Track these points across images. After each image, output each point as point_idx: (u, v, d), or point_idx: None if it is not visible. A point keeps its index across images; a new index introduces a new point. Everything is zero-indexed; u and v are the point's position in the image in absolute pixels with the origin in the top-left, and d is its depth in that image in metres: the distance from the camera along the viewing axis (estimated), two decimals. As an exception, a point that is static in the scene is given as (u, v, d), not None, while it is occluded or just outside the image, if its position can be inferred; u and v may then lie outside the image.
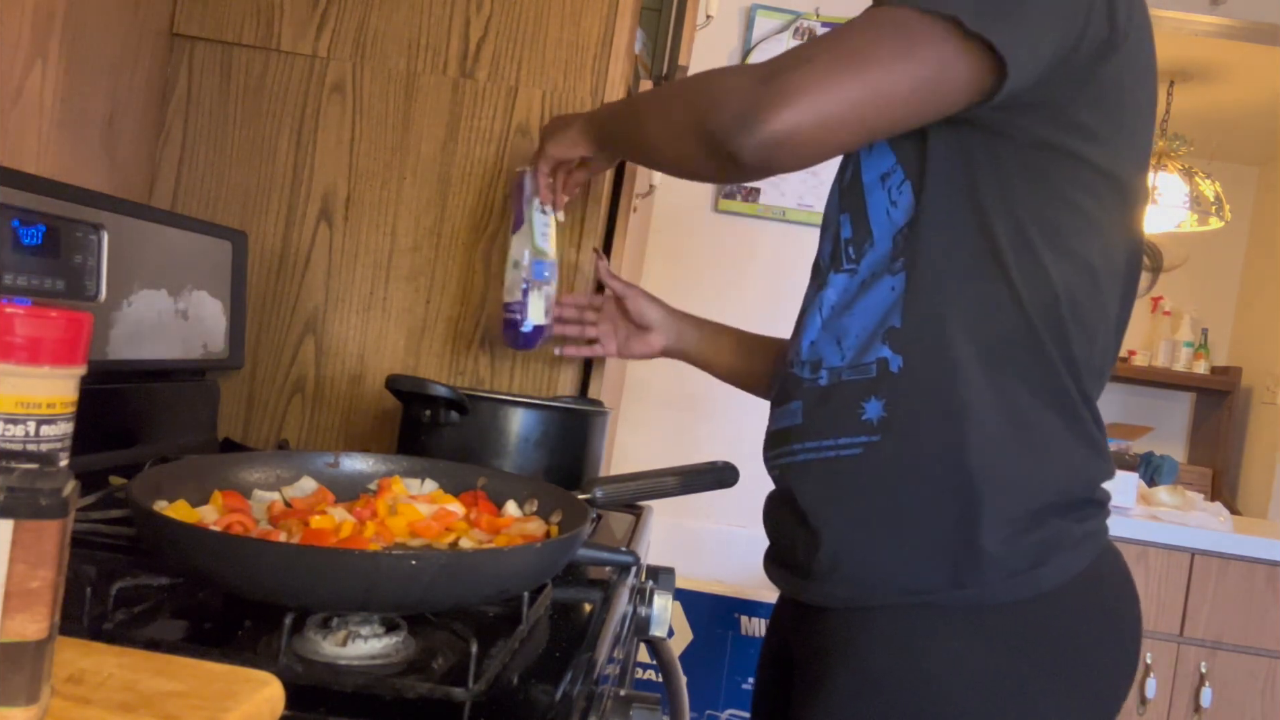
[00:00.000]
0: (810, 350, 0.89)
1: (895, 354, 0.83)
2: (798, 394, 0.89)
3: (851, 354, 0.86)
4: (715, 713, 2.02)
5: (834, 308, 0.88)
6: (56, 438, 0.54)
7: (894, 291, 0.84)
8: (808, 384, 0.88)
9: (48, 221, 0.87)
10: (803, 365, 0.90)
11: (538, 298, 1.10)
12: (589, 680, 0.63)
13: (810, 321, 0.90)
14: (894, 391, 0.82)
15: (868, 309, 0.85)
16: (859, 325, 0.86)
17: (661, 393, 2.40)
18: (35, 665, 0.38)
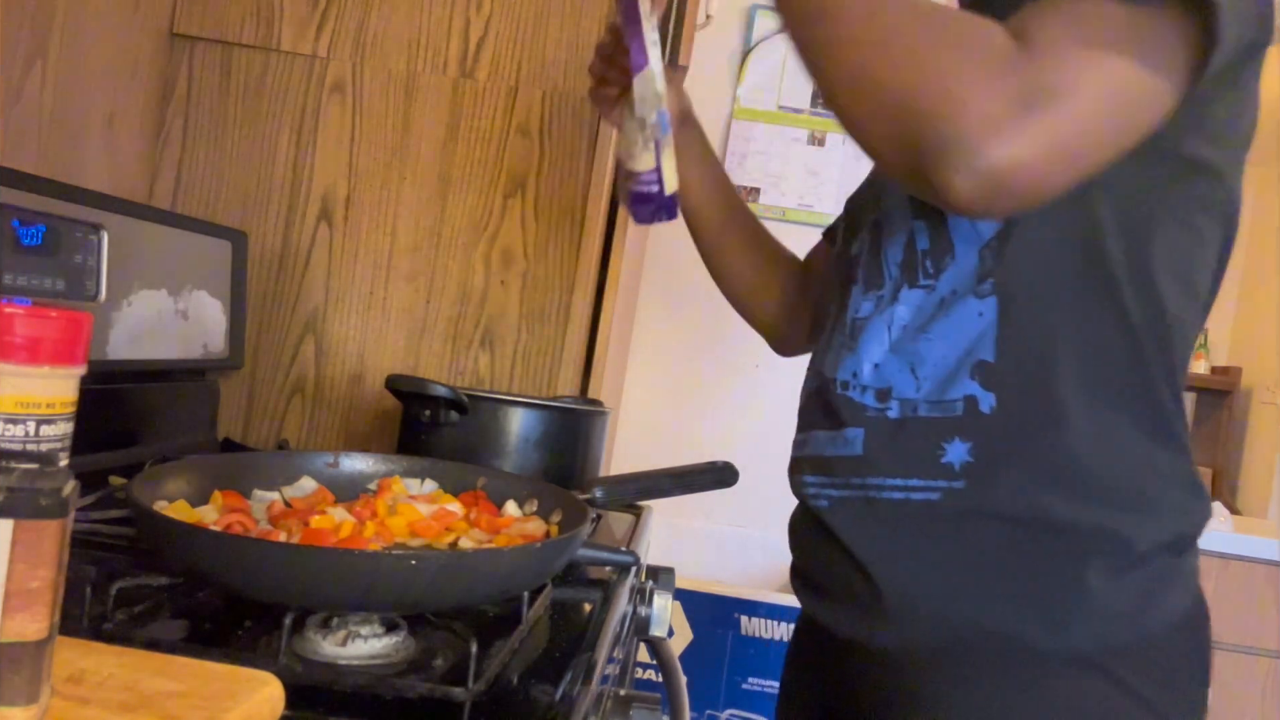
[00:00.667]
0: (875, 374, 0.78)
1: (986, 392, 0.74)
2: (857, 421, 0.78)
3: (930, 386, 0.76)
4: (715, 713, 2.02)
5: (906, 328, 0.78)
6: (56, 438, 0.54)
7: (982, 318, 0.74)
8: (873, 413, 0.78)
9: (48, 221, 0.87)
10: (863, 390, 0.79)
11: (669, 156, 0.90)
12: (589, 680, 0.63)
13: (873, 339, 0.79)
14: (984, 434, 0.73)
15: (949, 335, 0.75)
16: (938, 353, 0.76)
17: (661, 393, 2.39)
18: (35, 665, 0.38)
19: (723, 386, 2.39)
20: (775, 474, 2.53)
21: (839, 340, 0.84)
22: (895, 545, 0.76)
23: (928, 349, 0.76)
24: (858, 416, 0.79)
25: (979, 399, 0.74)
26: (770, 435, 2.38)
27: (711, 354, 2.38)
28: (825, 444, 0.82)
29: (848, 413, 0.80)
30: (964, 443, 0.74)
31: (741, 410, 2.39)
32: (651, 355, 2.38)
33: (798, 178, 2.36)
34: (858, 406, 0.79)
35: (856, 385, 0.80)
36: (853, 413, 0.79)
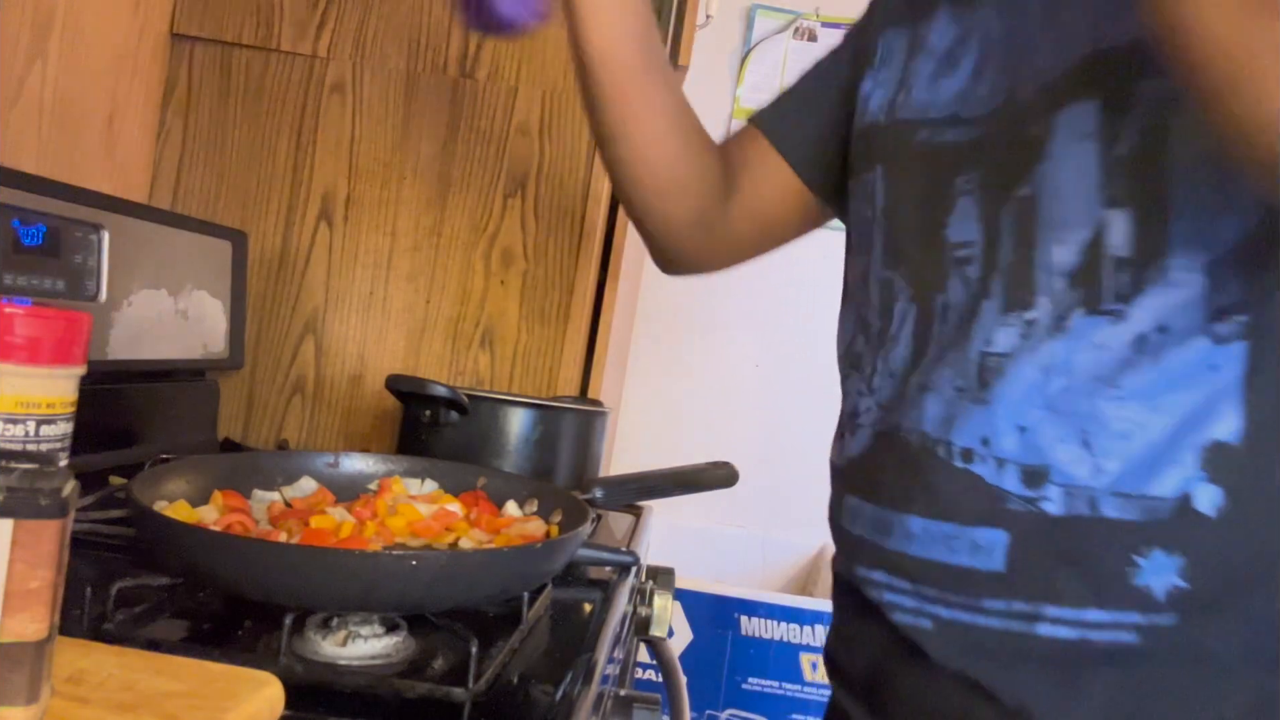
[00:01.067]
0: (1023, 444, 0.56)
1: (1216, 485, 0.53)
2: (993, 517, 0.56)
3: (1120, 470, 0.54)
4: (715, 712, 2.02)
5: (1078, 377, 0.55)
6: (56, 438, 0.54)
7: (1218, 374, 0.53)
8: (1019, 506, 0.56)
9: (48, 221, 0.87)
10: (1000, 465, 0.56)
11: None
12: (589, 680, 0.63)
13: (1018, 388, 0.56)
14: (1206, 548, 0.53)
15: (1156, 395, 0.53)
16: (1135, 421, 0.54)
17: (662, 392, 2.39)
18: (35, 665, 0.38)
19: (723, 386, 2.39)
20: (775, 474, 2.54)
21: (943, 378, 0.60)
22: (1073, 703, 0.54)
23: (1117, 413, 0.54)
24: (994, 508, 0.56)
25: (1197, 494, 0.52)
26: (770, 435, 2.39)
27: (711, 354, 2.38)
28: (930, 543, 0.59)
29: (975, 501, 0.57)
30: (1172, 557, 0.53)
31: (741, 410, 2.39)
32: (651, 355, 2.38)
33: (798, 178, 2.35)
34: (992, 493, 0.56)
35: (988, 457, 0.57)
36: (984, 502, 0.57)
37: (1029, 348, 0.57)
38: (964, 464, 0.58)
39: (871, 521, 0.63)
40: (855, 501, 0.66)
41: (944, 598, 0.59)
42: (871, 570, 0.63)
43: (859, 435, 0.67)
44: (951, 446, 0.59)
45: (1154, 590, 0.53)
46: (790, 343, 2.36)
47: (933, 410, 0.60)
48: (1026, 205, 0.58)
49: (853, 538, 0.66)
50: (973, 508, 0.57)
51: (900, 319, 0.65)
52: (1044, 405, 0.56)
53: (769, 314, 2.36)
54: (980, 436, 0.58)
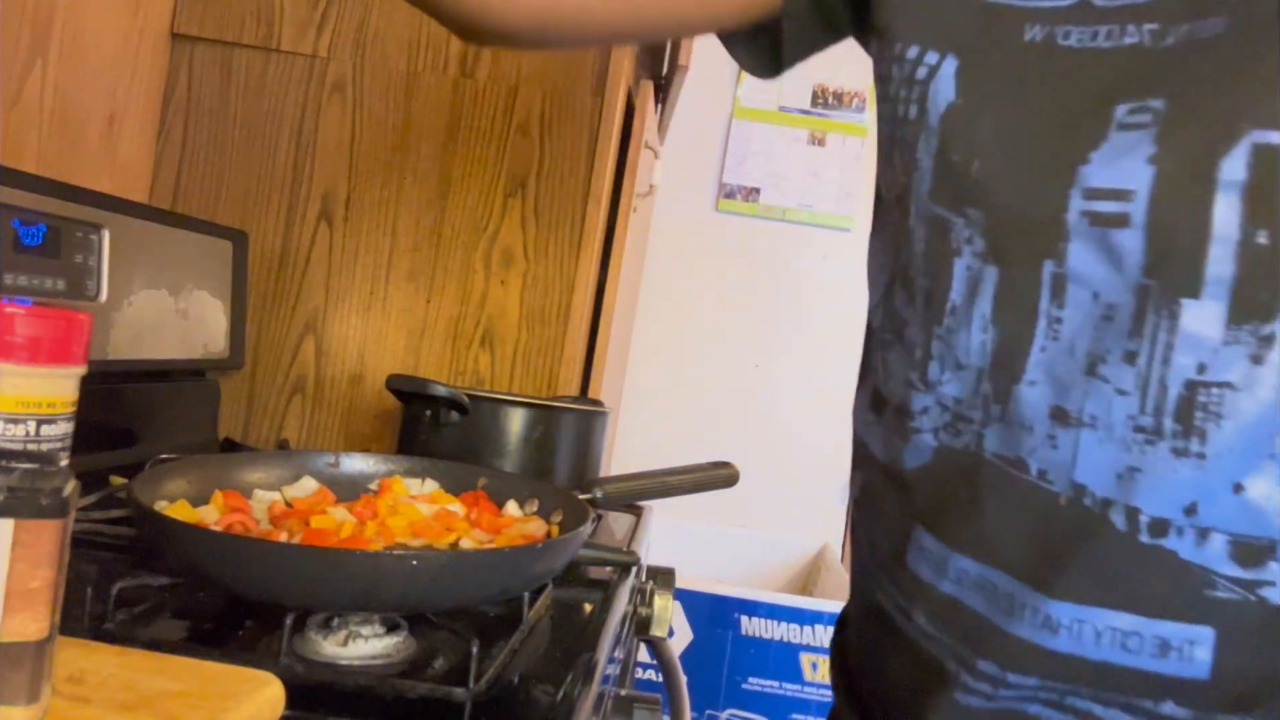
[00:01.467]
0: (1238, 506, 0.42)
1: None
2: (1197, 611, 0.43)
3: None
4: (715, 712, 2.01)
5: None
6: (57, 437, 0.54)
7: None
8: (1230, 589, 0.42)
9: (48, 221, 0.87)
10: (1201, 537, 0.43)
11: None
12: (590, 680, 0.63)
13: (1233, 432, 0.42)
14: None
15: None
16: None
17: (662, 392, 2.39)
18: (35, 665, 0.38)
19: (723, 386, 2.39)
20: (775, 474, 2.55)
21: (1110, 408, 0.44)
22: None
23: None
24: (1195, 595, 0.43)
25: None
26: (770, 435, 2.39)
27: (711, 354, 2.38)
28: (1088, 639, 0.45)
29: (1166, 585, 0.43)
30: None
31: (741, 410, 2.39)
32: (651, 355, 2.38)
33: (798, 178, 2.36)
34: (1191, 574, 0.43)
35: (1187, 528, 0.43)
36: (1179, 586, 0.43)
37: (1266, 379, 0.41)
38: (1153, 539, 0.43)
39: (976, 585, 0.48)
40: (935, 545, 0.50)
41: (1127, 701, 0.44)
42: (975, 655, 0.48)
43: (916, 443, 0.52)
44: (1135, 515, 0.43)
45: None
46: (790, 343, 2.36)
47: (1092, 456, 0.44)
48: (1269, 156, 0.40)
49: (936, 594, 0.50)
50: (1161, 594, 0.43)
51: (966, 284, 0.48)
52: (1273, 454, 0.41)
53: (769, 314, 2.36)
54: (1185, 502, 0.42)
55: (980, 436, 0.48)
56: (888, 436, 0.55)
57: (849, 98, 2.33)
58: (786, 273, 2.36)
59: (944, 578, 0.50)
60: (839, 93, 2.33)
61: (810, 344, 2.35)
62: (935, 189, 0.50)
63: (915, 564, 0.52)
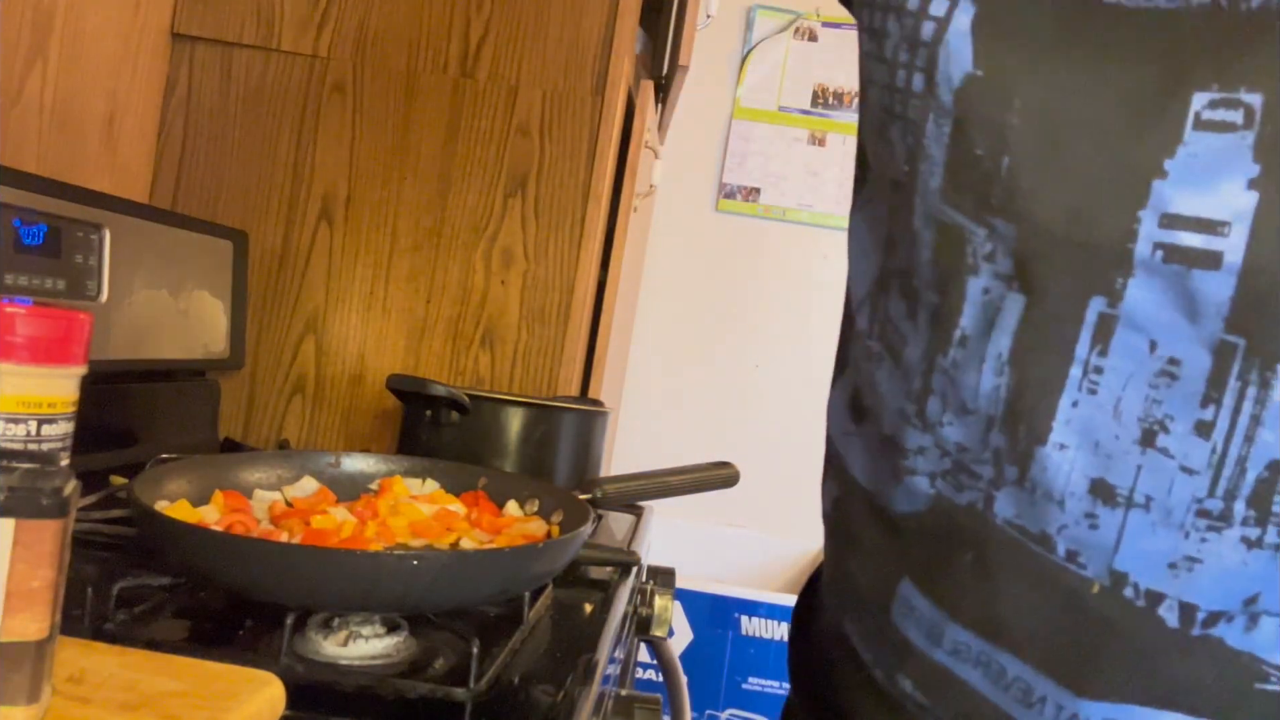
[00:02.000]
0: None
1: None
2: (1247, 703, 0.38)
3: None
4: (715, 712, 2.01)
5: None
6: (57, 437, 0.54)
7: None
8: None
9: (49, 221, 0.87)
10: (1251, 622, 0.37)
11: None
12: (590, 680, 0.63)
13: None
14: None
15: None
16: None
17: (662, 392, 2.39)
18: (36, 665, 0.38)
19: (723, 386, 2.39)
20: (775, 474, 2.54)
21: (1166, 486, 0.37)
22: None
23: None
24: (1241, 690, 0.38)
25: None
26: (770, 435, 2.39)
27: (711, 354, 2.38)
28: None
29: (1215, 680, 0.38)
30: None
31: (741, 410, 2.39)
32: (651, 355, 2.38)
33: (798, 178, 2.36)
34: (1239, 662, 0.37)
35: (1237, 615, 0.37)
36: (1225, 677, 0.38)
37: None
38: (1204, 630, 0.37)
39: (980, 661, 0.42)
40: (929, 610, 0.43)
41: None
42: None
43: (910, 487, 0.45)
44: (1192, 611, 0.37)
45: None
46: (790, 343, 2.36)
47: (1143, 541, 0.37)
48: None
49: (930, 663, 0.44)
50: (1207, 687, 0.37)
51: (982, 311, 0.40)
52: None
53: (769, 314, 2.36)
54: (1246, 595, 0.36)
55: (990, 498, 0.41)
56: (873, 464, 0.48)
57: (849, 98, 2.33)
58: (786, 273, 2.36)
59: (938, 646, 0.44)
60: (839, 93, 2.33)
61: (810, 344, 2.35)
62: (949, 187, 0.40)
63: (902, 621, 0.45)
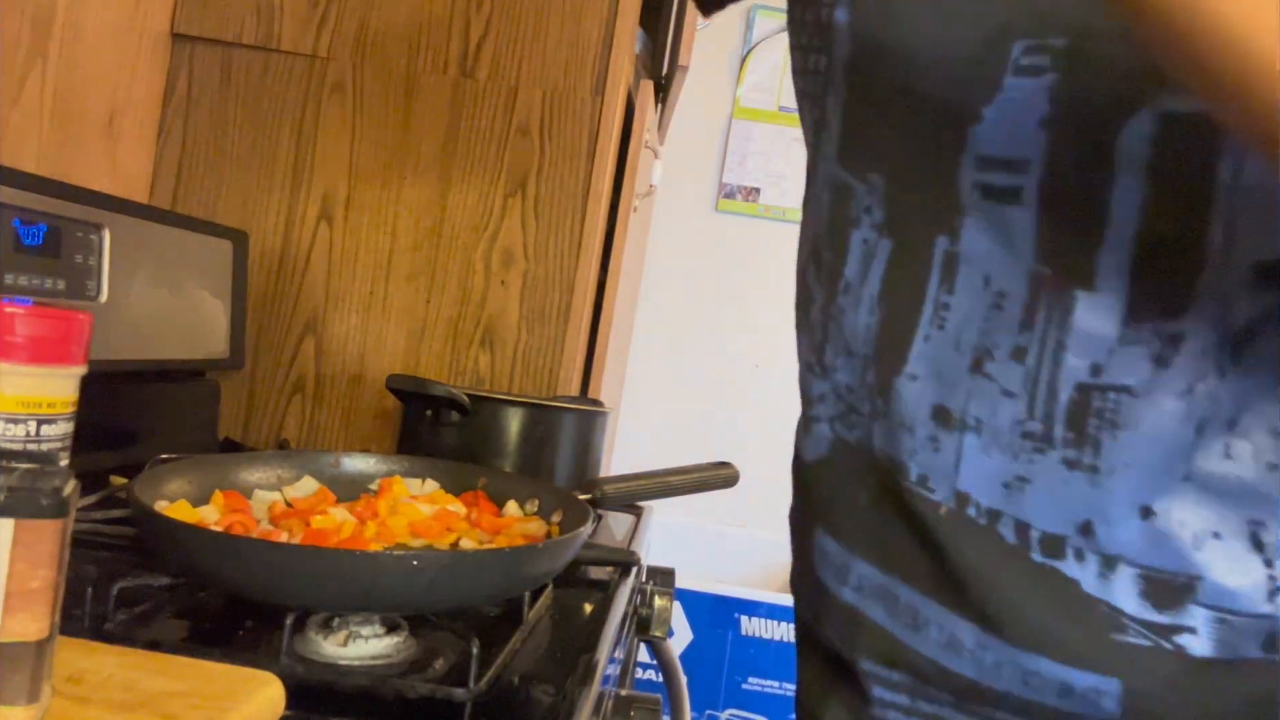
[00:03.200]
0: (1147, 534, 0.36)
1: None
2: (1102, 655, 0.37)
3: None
4: (715, 712, 2.01)
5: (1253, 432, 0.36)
6: (57, 437, 0.54)
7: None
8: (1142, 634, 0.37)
9: (48, 221, 0.87)
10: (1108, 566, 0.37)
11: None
12: (590, 680, 0.63)
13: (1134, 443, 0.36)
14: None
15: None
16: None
17: (662, 392, 2.39)
18: (36, 665, 0.38)
19: (723, 386, 2.39)
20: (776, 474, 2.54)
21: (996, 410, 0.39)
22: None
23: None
24: (1099, 639, 0.37)
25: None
26: (770, 435, 2.39)
27: (711, 354, 2.38)
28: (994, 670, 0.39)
29: (1068, 621, 0.38)
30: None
31: (741, 410, 2.39)
32: (651, 355, 2.38)
33: (798, 178, 2.36)
34: (1096, 611, 0.37)
35: (1088, 553, 0.37)
36: (1082, 624, 0.38)
37: (1171, 382, 0.35)
38: (1045, 558, 0.37)
39: (875, 592, 0.43)
40: (836, 550, 0.46)
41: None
42: (887, 669, 0.43)
43: (815, 433, 0.48)
44: (1027, 528, 0.38)
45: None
46: (790, 343, 2.36)
47: (979, 462, 0.39)
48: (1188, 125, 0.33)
49: (839, 604, 0.45)
50: (1062, 635, 0.37)
51: (860, 260, 0.43)
52: (1188, 475, 0.35)
53: (769, 314, 2.36)
54: (1078, 519, 0.37)
55: (870, 432, 0.44)
56: (804, 432, 0.51)
57: (849, 98, 2.33)
58: (786, 273, 2.36)
59: (845, 585, 0.46)
60: (839, 93, 2.33)
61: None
62: (842, 150, 0.44)
63: (821, 571, 0.48)
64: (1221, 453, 0.35)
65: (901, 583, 0.43)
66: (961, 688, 0.41)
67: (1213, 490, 0.35)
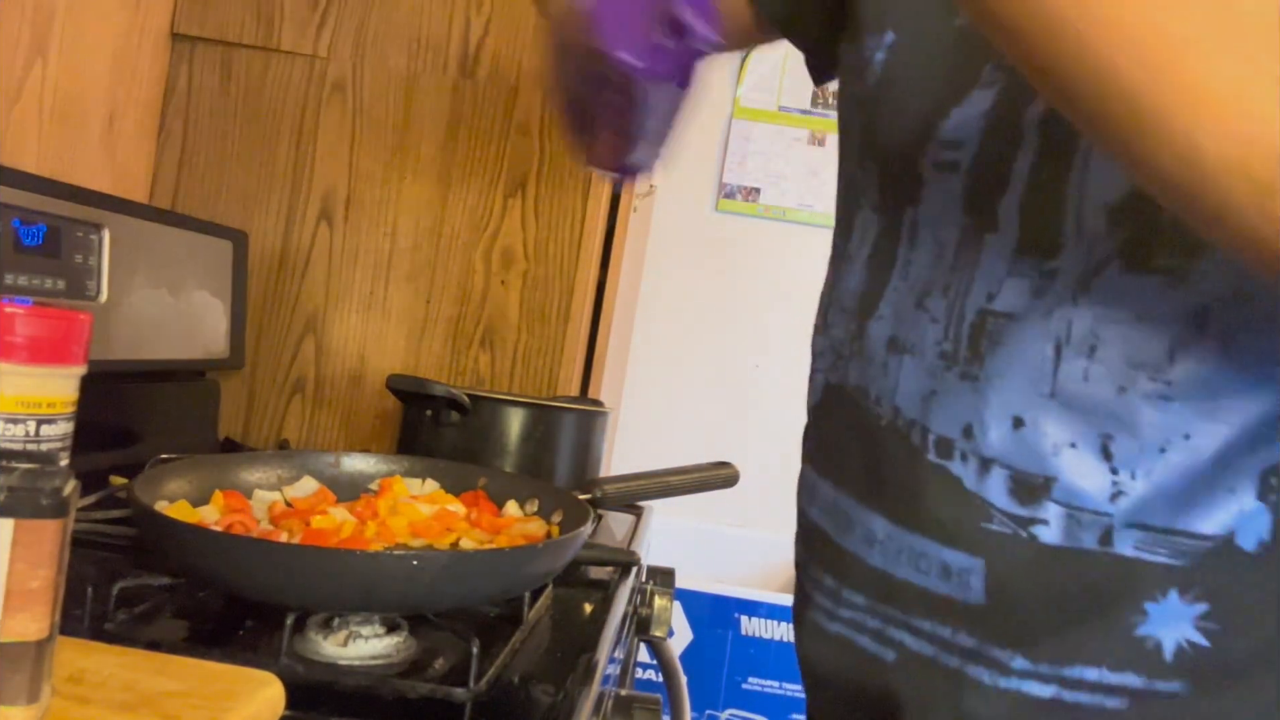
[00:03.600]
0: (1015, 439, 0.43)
1: (1266, 514, 0.40)
2: (970, 540, 0.45)
3: (1151, 493, 0.41)
4: (715, 712, 2.01)
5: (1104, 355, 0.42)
6: (57, 437, 0.54)
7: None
8: (1004, 529, 0.44)
9: (48, 221, 0.87)
10: (984, 467, 0.44)
11: None
12: (590, 680, 0.63)
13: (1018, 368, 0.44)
14: (1239, 593, 0.41)
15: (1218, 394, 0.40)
16: (1183, 428, 0.41)
17: (662, 392, 2.39)
18: (35, 665, 0.38)
19: (723, 386, 2.39)
20: (775, 474, 2.54)
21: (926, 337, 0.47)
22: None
23: (1155, 415, 0.41)
24: (971, 526, 0.44)
25: (1243, 528, 0.40)
26: (770, 435, 2.39)
27: (711, 354, 2.38)
28: (895, 555, 0.47)
29: (949, 512, 0.45)
30: (1193, 605, 0.41)
31: (741, 410, 2.39)
32: (651, 355, 2.38)
33: (798, 178, 2.36)
34: (972, 503, 0.44)
35: (969, 454, 0.45)
36: (960, 514, 0.45)
37: (1042, 309, 0.42)
38: (938, 458, 0.45)
39: (829, 507, 0.52)
40: (811, 476, 0.54)
41: (909, 623, 0.47)
42: (824, 571, 0.51)
43: (814, 384, 0.56)
44: (927, 433, 0.45)
45: (1162, 646, 0.40)
46: (790, 343, 2.36)
47: (910, 380, 0.47)
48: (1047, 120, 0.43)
49: (808, 521, 0.54)
50: (945, 521, 0.44)
51: (859, 235, 0.53)
52: (1051, 393, 0.42)
53: (769, 314, 2.36)
54: (962, 423, 0.44)
55: (847, 372, 0.53)
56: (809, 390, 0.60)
57: (849, 98, 2.33)
58: (786, 273, 2.36)
59: (813, 505, 0.55)
60: (839, 93, 2.33)
61: (810, 344, 2.35)
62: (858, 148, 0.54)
63: (803, 502, 0.57)
64: (1081, 375, 0.42)
65: (846, 495, 0.51)
66: (873, 580, 0.48)
67: (1074, 408, 0.42)
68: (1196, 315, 0.41)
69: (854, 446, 0.51)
